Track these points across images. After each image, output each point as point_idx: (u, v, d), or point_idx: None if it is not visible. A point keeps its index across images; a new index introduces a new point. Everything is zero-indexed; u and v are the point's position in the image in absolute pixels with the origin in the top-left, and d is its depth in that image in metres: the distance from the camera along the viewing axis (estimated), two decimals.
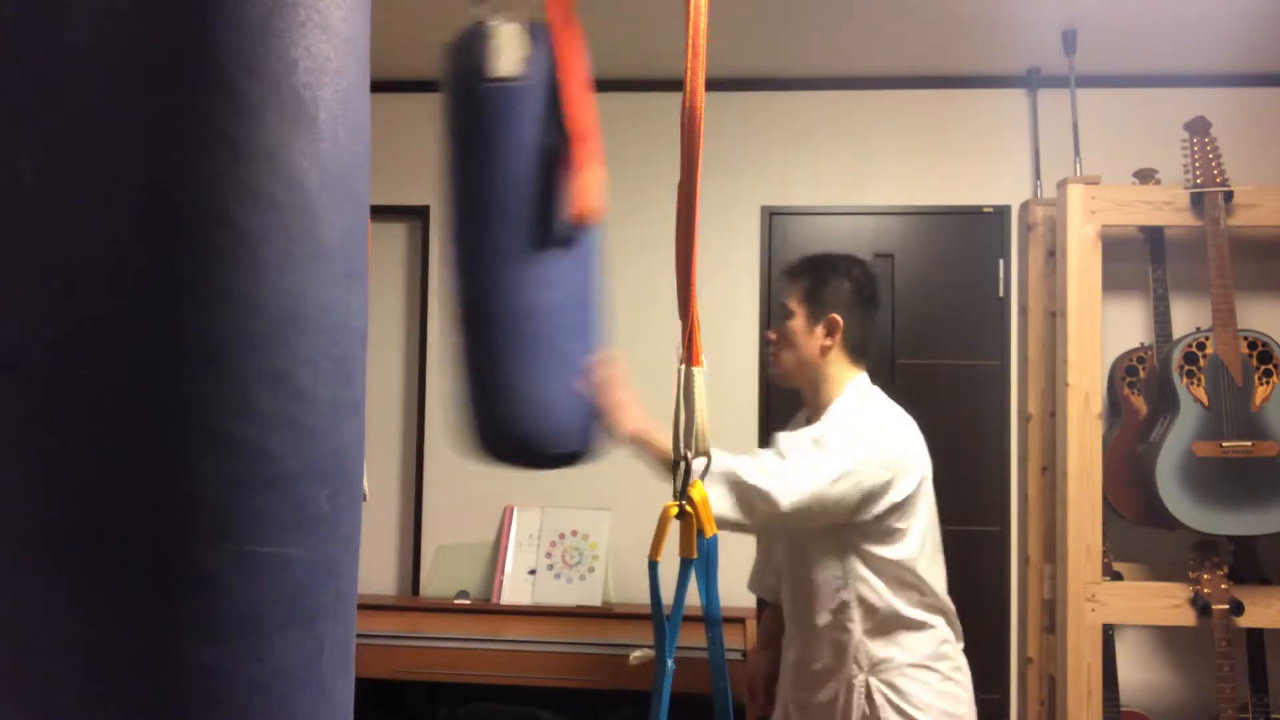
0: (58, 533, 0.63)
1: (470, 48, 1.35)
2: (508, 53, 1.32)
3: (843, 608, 2.00)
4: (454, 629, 3.06)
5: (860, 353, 2.12)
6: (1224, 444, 2.78)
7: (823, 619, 2.03)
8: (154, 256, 0.64)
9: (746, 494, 1.85)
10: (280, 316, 0.67)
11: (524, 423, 1.36)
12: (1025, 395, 3.21)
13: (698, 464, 1.10)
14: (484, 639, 3.02)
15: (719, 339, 3.29)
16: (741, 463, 1.87)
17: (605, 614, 3.17)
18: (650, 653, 2.33)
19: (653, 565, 1.12)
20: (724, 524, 1.83)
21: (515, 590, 3.26)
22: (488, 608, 3.23)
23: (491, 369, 1.35)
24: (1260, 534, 2.79)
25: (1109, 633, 2.90)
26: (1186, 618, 2.82)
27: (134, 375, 0.64)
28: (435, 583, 3.39)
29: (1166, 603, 2.83)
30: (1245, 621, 2.81)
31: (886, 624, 1.99)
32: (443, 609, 3.21)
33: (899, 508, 1.98)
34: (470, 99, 1.36)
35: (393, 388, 3.49)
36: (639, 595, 3.25)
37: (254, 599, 0.65)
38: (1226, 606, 2.77)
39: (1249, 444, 2.77)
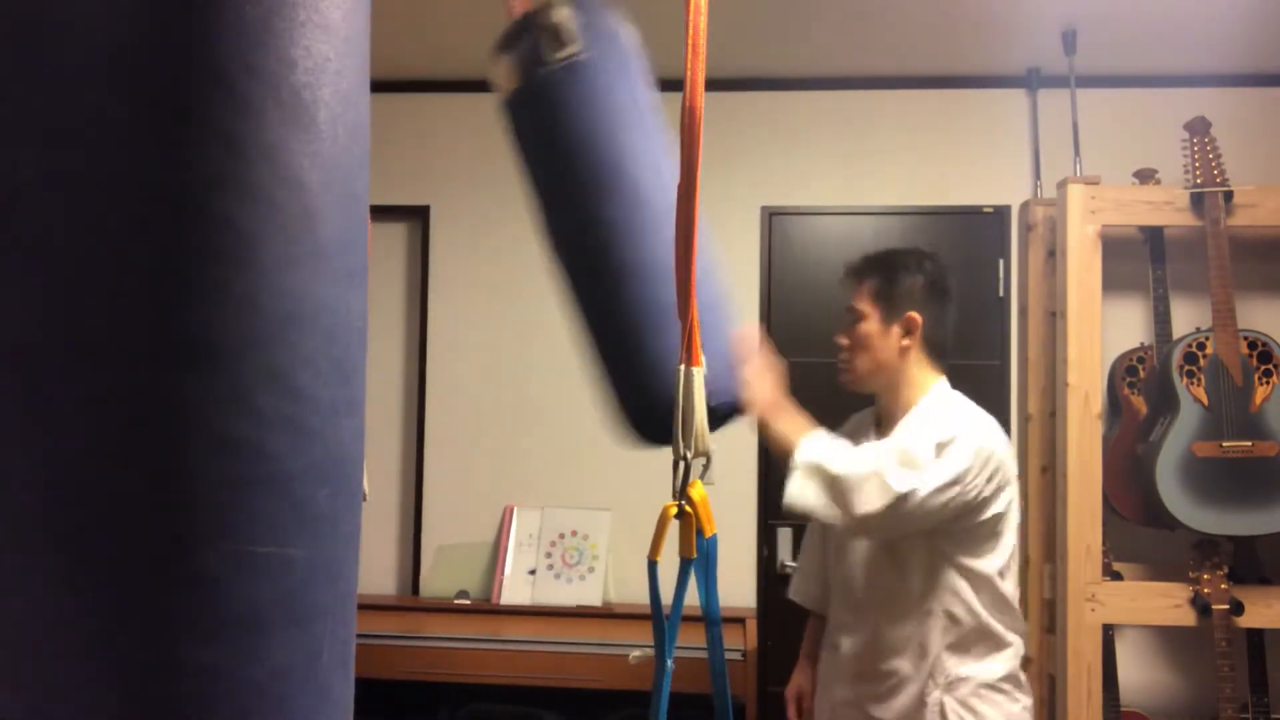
0: (58, 533, 0.63)
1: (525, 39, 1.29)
2: (557, 31, 1.24)
3: (925, 618, 1.93)
4: (454, 629, 3.06)
5: (939, 351, 2.03)
6: (1224, 444, 2.78)
7: (903, 629, 1.95)
8: (154, 256, 0.64)
9: (843, 486, 1.79)
10: (279, 316, 0.67)
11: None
12: (1025, 395, 3.21)
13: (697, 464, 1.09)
14: (484, 639, 3.02)
15: None
16: (851, 457, 1.82)
17: (605, 614, 3.16)
18: (650, 652, 2.31)
19: (652, 565, 1.12)
20: (812, 514, 1.83)
21: (515, 590, 3.26)
22: (488, 608, 3.23)
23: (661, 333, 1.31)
24: (1260, 534, 2.79)
25: (1109, 633, 2.89)
26: (1186, 618, 2.82)
27: (134, 375, 0.64)
28: (435, 583, 3.39)
29: (1166, 603, 2.83)
30: (1245, 621, 2.80)
31: (968, 639, 1.93)
32: (443, 609, 3.21)
33: (1000, 518, 1.93)
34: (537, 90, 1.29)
35: (393, 388, 3.49)
36: (639, 595, 3.25)
37: (254, 599, 0.65)
38: (1226, 606, 2.77)
39: (1249, 444, 2.77)
